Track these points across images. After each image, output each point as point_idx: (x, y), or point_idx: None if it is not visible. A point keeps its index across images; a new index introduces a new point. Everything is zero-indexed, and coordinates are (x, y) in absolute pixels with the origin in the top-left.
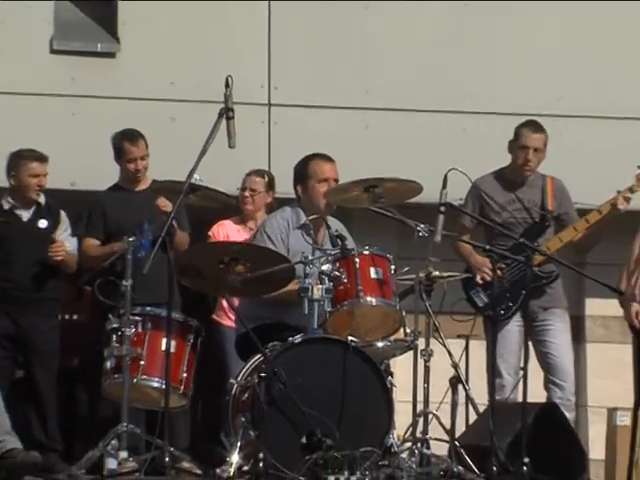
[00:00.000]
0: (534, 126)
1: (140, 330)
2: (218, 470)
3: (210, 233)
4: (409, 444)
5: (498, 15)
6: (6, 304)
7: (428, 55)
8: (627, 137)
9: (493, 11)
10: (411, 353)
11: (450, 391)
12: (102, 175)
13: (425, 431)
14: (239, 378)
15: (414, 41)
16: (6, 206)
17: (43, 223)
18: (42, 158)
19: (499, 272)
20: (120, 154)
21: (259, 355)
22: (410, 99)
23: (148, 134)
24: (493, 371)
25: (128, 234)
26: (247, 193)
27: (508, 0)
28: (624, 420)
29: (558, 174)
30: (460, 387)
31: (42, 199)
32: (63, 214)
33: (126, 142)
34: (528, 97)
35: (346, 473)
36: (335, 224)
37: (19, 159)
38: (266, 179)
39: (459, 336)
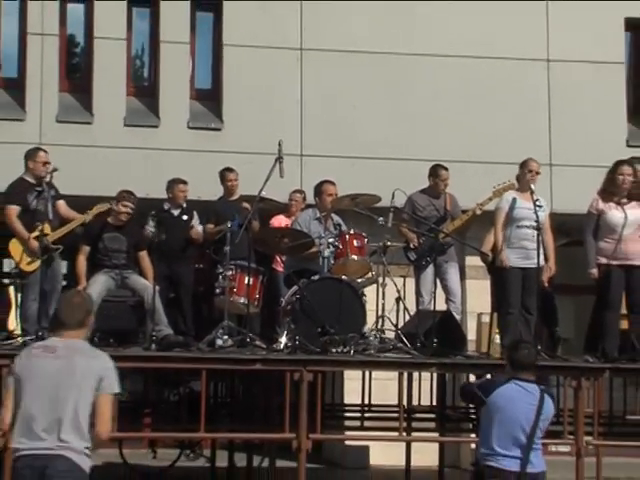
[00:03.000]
0: (442, 167)
1: (234, 273)
2: (274, 345)
3: (270, 222)
4: (374, 332)
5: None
6: (166, 258)
7: (385, 121)
8: (493, 173)
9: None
10: (375, 285)
11: (395, 304)
12: (213, 191)
13: (382, 325)
14: (286, 297)
15: (377, 113)
16: (166, 207)
17: (184, 217)
18: (184, 182)
19: (421, 241)
20: (222, 177)
21: (296, 286)
22: (373, 151)
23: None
24: (418, 294)
25: (227, 221)
26: (292, 202)
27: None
28: (486, 319)
29: (453, 192)
30: (400, 302)
31: (184, 204)
32: (195, 212)
33: (226, 171)
34: (440, 149)
35: (341, 347)
36: (336, 217)
37: (173, 183)
38: (302, 195)
39: (401, 276)
